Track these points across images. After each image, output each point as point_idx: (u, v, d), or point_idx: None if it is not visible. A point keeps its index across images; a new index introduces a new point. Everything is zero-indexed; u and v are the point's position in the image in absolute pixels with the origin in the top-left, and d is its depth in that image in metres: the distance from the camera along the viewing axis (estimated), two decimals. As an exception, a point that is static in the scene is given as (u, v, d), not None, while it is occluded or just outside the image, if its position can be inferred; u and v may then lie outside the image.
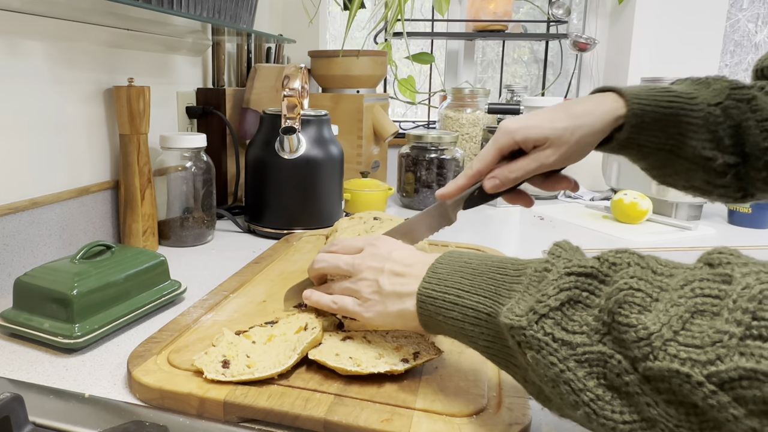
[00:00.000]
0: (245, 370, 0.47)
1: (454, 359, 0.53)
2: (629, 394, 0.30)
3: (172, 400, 0.46)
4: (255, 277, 0.73)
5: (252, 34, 1.21)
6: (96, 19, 0.80)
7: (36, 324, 0.56)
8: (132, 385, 0.48)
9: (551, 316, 0.34)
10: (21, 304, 0.58)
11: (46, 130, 0.75)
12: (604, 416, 0.31)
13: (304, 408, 0.44)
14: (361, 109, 1.28)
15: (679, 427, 0.29)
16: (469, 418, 0.44)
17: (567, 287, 0.34)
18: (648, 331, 0.29)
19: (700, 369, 0.27)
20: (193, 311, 0.61)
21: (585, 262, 0.35)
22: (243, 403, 0.45)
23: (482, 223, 1.18)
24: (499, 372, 0.50)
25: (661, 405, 0.29)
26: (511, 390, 0.47)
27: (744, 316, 0.27)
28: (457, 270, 0.42)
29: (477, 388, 0.48)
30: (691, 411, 0.28)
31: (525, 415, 0.44)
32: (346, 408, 0.44)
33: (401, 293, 0.46)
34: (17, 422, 0.39)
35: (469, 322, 0.40)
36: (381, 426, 0.42)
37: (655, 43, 1.68)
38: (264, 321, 0.57)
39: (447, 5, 1.63)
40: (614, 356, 0.31)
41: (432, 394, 0.47)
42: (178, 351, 0.52)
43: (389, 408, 0.44)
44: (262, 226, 0.98)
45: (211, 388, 0.46)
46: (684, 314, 0.29)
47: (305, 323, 0.54)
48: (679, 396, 0.28)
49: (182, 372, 0.49)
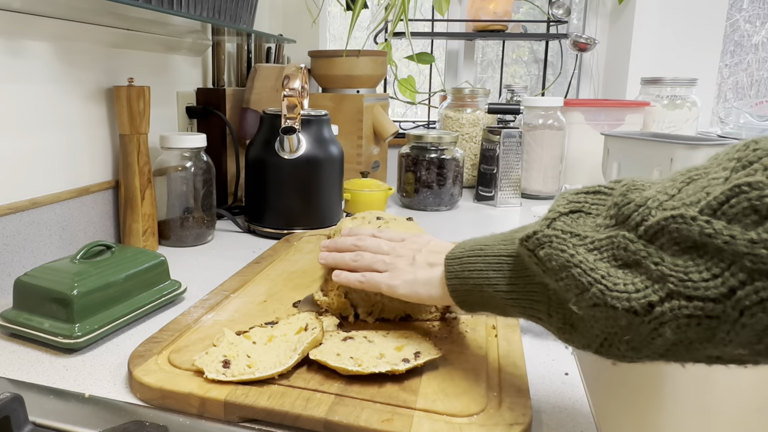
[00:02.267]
0: (246, 370, 0.47)
1: (455, 359, 0.53)
2: (637, 262, 0.32)
3: (173, 399, 0.46)
4: (256, 276, 0.73)
5: (252, 34, 1.21)
6: (96, 19, 0.80)
7: (36, 324, 0.56)
8: (133, 384, 0.48)
9: (561, 219, 0.37)
10: (21, 304, 0.58)
11: (46, 130, 0.75)
12: (617, 290, 0.32)
13: (304, 408, 0.44)
14: (361, 109, 1.28)
15: (688, 274, 0.30)
16: (470, 418, 0.44)
17: (575, 200, 0.38)
18: (645, 197, 0.33)
19: (692, 208, 0.30)
20: (193, 311, 0.61)
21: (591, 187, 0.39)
22: (244, 403, 0.45)
23: (482, 222, 1.18)
24: (499, 372, 0.50)
25: (666, 260, 0.31)
26: (511, 390, 0.47)
27: (730, 163, 0.30)
28: (480, 239, 0.47)
29: (477, 388, 0.48)
30: (693, 254, 0.30)
31: (525, 415, 0.44)
32: (347, 408, 0.44)
33: (432, 262, 0.50)
34: (17, 422, 0.39)
35: (493, 268, 0.43)
36: (382, 426, 0.42)
37: (655, 43, 1.68)
38: (264, 321, 0.57)
39: (447, 5, 1.63)
40: (619, 234, 0.33)
41: (432, 394, 0.47)
42: (179, 351, 0.52)
43: (390, 408, 0.44)
44: (262, 226, 0.98)
45: (211, 388, 0.46)
46: (678, 185, 0.32)
47: (305, 324, 0.54)
48: (680, 242, 0.30)
49: (183, 372, 0.49)
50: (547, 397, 0.50)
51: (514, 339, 0.57)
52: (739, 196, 0.28)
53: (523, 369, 0.51)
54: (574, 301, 0.35)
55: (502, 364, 0.52)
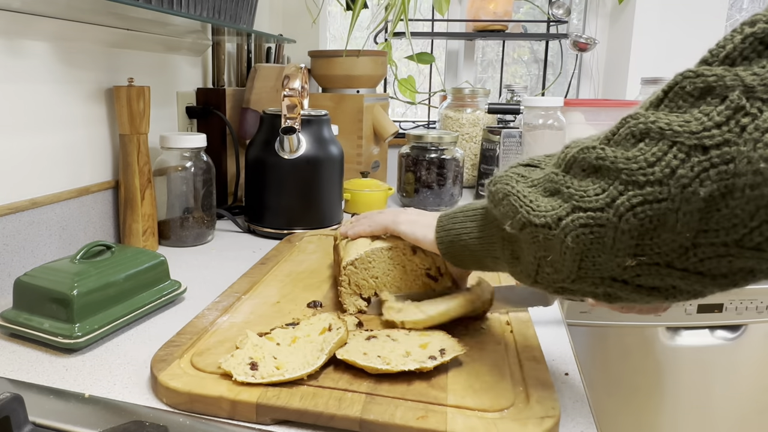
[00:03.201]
0: (275, 372, 0.47)
1: (476, 355, 0.53)
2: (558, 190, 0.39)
3: (202, 403, 0.46)
4: (264, 278, 0.73)
5: (252, 34, 1.21)
6: (96, 19, 0.80)
7: (36, 324, 0.56)
8: (158, 390, 0.48)
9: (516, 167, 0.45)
10: (21, 304, 0.58)
11: (46, 130, 0.75)
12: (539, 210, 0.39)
13: (338, 408, 0.44)
14: (361, 109, 1.28)
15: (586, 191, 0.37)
16: (501, 412, 0.44)
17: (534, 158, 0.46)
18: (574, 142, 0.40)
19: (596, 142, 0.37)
20: (208, 313, 0.61)
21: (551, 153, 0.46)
22: (276, 405, 0.44)
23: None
24: (520, 366, 0.51)
25: (575, 183, 0.38)
26: (536, 383, 0.48)
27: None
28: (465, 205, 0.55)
29: (503, 383, 0.48)
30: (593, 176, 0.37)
31: (555, 408, 0.44)
32: (380, 406, 0.44)
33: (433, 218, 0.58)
34: (17, 422, 0.39)
35: (470, 219, 0.51)
36: (417, 423, 0.42)
37: (655, 43, 1.68)
38: (283, 322, 0.58)
39: (447, 5, 1.63)
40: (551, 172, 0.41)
41: (461, 390, 0.47)
42: (201, 354, 0.52)
43: (422, 405, 0.45)
44: (262, 226, 0.98)
45: (241, 391, 0.46)
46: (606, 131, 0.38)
47: (329, 324, 0.54)
48: (585, 168, 0.37)
49: (208, 375, 0.48)
50: (547, 397, 0.50)
51: (529, 334, 0.58)
52: (624, 126, 0.35)
53: (544, 363, 0.52)
54: (509, 223, 0.42)
55: (522, 359, 0.52)
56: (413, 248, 0.63)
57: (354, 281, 0.63)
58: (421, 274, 0.64)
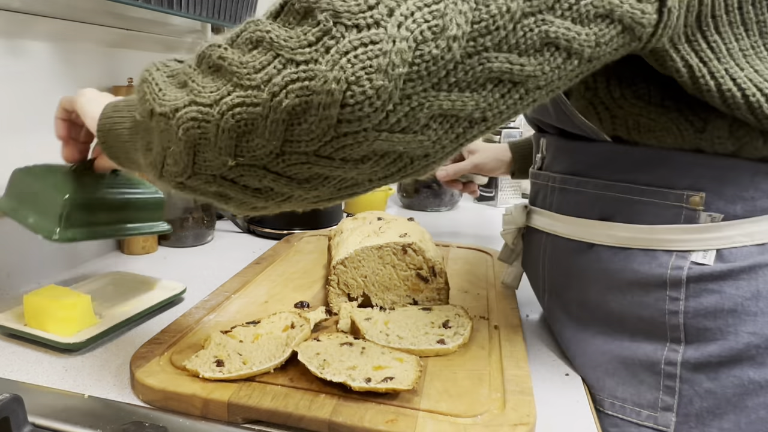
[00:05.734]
0: (242, 366, 0.48)
1: (458, 360, 0.53)
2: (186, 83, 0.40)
3: (176, 401, 0.46)
4: (256, 277, 0.73)
5: (252, 34, 1.21)
6: (96, 19, 0.80)
7: (21, 217, 0.56)
8: (135, 386, 0.48)
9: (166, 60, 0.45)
10: (13, 194, 0.58)
11: (45, 129, 0.75)
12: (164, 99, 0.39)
13: (308, 408, 0.44)
14: (361, 109, 1.28)
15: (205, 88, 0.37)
16: (474, 418, 0.44)
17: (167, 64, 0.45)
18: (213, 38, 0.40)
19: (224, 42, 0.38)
20: (195, 312, 0.61)
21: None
22: (247, 404, 0.44)
23: (483, 223, 1.18)
24: (502, 372, 0.51)
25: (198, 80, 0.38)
26: (515, 390, 0.47)
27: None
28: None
29: (481, 389, 0.48)
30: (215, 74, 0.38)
31: (530, 415, 0.44)
32: (351, 409, 0.44)
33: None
34: (17, 423, 0.39)
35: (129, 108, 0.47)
36: (386, 427, 0.42)
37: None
38: (244, 321, 0.58)
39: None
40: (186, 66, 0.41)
41: (436, 395, 0.47)
42: (181, 352, 0.52)
43: (394, 408, 0.44)
44: (262, 226, 0.98)
45: (214, 389, 0.46)
46: None
47: (291, 322, 0.56)
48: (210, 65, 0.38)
49: (184, 373, 0.48)
50: (547, 397, 0.50)
51: (516, 339, 0.57)
52: (246, 30, 0.36)
53: (526, 369, 0.51)
54: (139, 111, 0.42)
55: (505, 365, 0.52)
56: (404, 248, 0.63)
57: (343, 280, 0.63)
58: (412, 274, 0.63)
